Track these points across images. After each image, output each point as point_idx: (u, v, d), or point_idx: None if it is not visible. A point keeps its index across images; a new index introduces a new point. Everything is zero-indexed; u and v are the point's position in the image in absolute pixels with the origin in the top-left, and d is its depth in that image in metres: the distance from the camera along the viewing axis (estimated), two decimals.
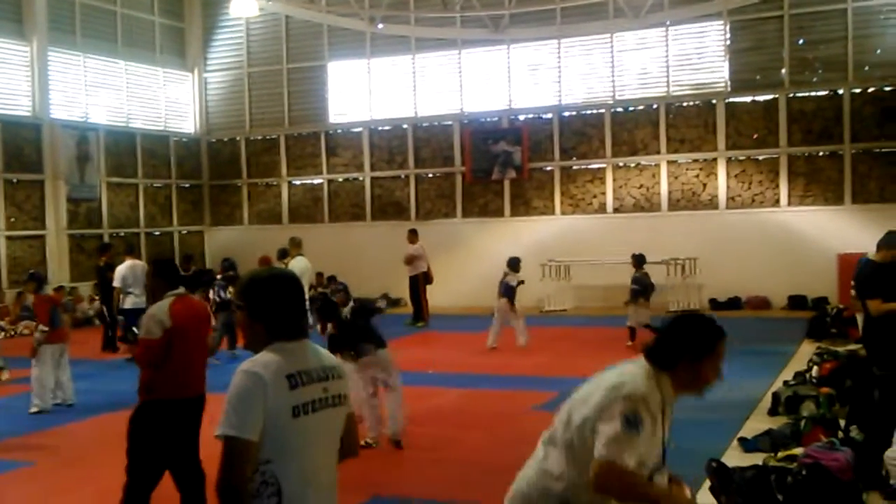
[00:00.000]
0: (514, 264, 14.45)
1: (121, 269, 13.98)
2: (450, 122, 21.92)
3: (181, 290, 5.68)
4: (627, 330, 13.77)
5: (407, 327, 17.20)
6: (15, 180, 19.58)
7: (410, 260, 17.67)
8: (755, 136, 19.39)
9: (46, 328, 10.27)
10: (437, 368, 12.70)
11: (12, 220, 19.47)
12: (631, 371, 3.45)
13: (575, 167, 20.93)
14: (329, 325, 8.76)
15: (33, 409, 10.26)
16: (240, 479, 2.85)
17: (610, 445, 3.21)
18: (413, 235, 17.96)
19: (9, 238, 19.38)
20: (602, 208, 20.60)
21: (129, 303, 13.70)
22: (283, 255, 14.93)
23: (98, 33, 21.74)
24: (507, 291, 14.09)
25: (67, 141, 20.50)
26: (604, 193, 20.60)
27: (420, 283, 17.64)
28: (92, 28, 21.58)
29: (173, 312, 5.47)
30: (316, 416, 3.00)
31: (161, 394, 5.46)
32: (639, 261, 14.08)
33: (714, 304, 18.41)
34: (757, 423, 8.43)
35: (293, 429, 2.93)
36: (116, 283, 13.96)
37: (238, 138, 24.16)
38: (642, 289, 13.70)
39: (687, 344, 3.42)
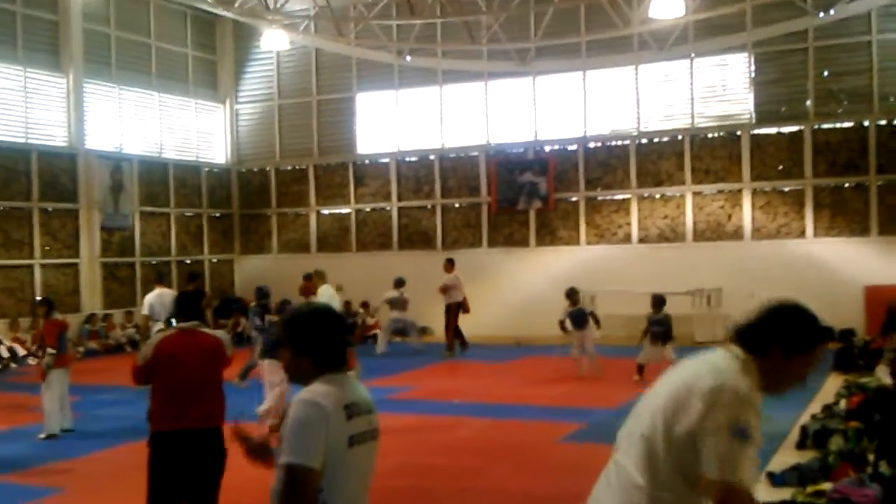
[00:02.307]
0: (571, 295, 14.39)
1: (149, 298, 14.28)
2: (476, 153, 22.17)
3: (189, 323, 5.80)
4: (636, 365, 13.63)
5: (442, 356, 17.39)
6: (50, 209, 20.01)
7: (445, 289, 17.86)
8: (780, 167, 19.47)
9: (54, 351, 10.49)
10: (461, 398, 12.80)
11: (47, 248, 19.87)
12: (725, 366, 2.96)
13: (600, 198, 21.09)
14: None
15: (42, 436, 10.43)
16: None
17: (724, 465, 2.79)
18: (449, 265, 18.18)
19: (43, 266, 19.77)
20: (627, 238, 20.71)
21: (155, 330, 13.93)
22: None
23: (133, 65, 22.26)
24: (581, 319, 14.08)
25: (102, 171, 20.96)
26: (629, 224, 20.72)
27: (454, 312, 17.81)
28: (127, 60, 22.09)
29: (159, 344, 5.66)
30: (364, 447, 3.10)
31: (155, 425, 5.61)
32: (658, 303, 13.88)
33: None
34: (785, 457, 8.46)
35: (347, 459, 3.01)
36: (144, 311, 14.26)
37: (268, 168, 24.55)
38: (664, 332, 13.52)
39: (785, 331, 2.95)
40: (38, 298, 12.36)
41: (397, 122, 23.04)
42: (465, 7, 21.04)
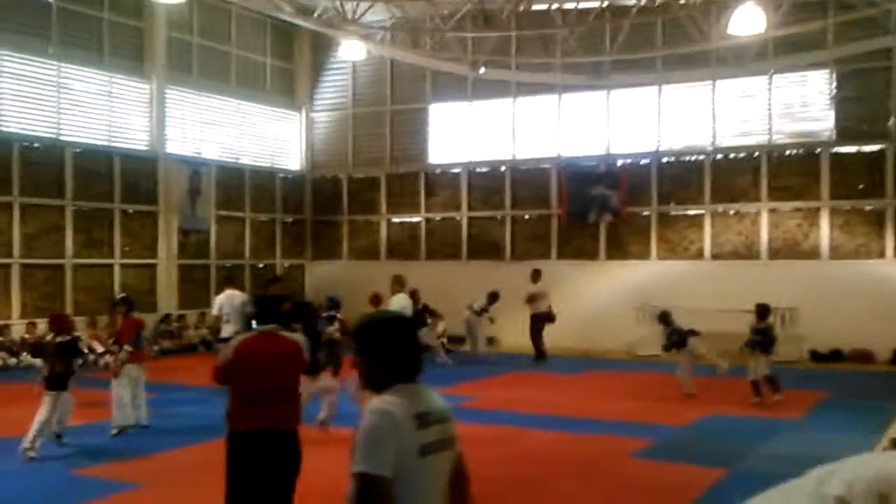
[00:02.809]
0: (664, 318, 14.30)
1: (219, 299, 14.64)
2: (547, 165, 22.15)
3: (268, 326, 5.91)
4: (750, 384, 13.22)
5: (529, 366, 17.51)
6: (130, 211, 20.59)
7: (532, 299, 18.00)
8: (860, 186, 19.03)
9: (131, 348, 10.80)
10: (528, 409, 12.79)
11: (127, 249, 20.45)
12: None
13: (672, 212, 20.87)
14: None
15: (114, 431, 10.72)
16: None
17: None
18: (536, 275, 18.39)
19: (122, 266, 20.35)
20: (699, 254, 20.45)
21: (226, 331, 14.29)
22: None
23: (213, 73, 22.82)
24: (681, 339, 13.98)
25: (181, 175, 21.51)
26: (701, 239, 20.46)
27: (540, 322, 17.94)
28: (207, 68, 22.66)
29: (239, 346, 5.79)
30: (437, 456, 3.10)
31: (233, 425, 5.74)
32: (762, 312, 13.54)
33: (815, 355, 18.03)
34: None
35: (419, 468, 3.00)
36: (214, 312, 14.58)
37: (341, 176, 24.89)
38: (765, 341, 13.10)
39: None
40: (119, 297, 12.70)
41: (470, 133, 23.16)
42: (541, 20, 21.06)
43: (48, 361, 10.08)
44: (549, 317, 18.12)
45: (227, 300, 14.50)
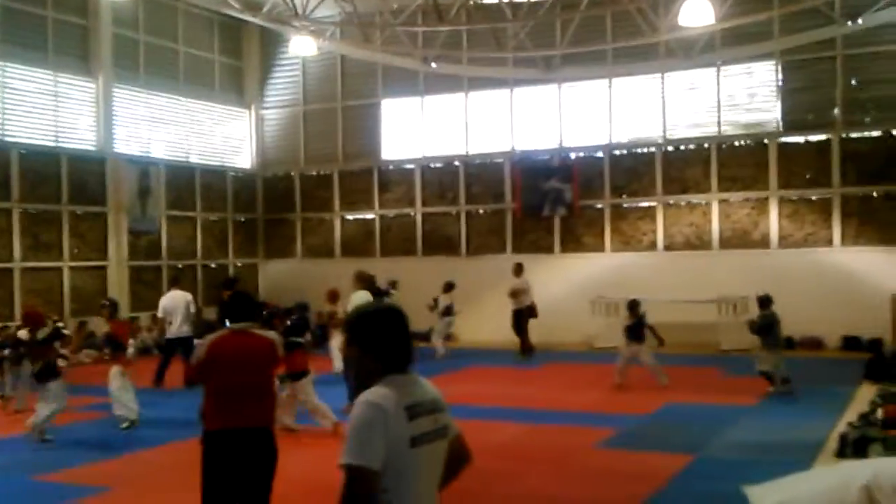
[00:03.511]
0: (633, 307, 14.26)
1: (163, 301, 14.93)
2: (500, 160, 22.22)
3: (241, 324, 5.84)
4: (763, 377, 13.17)
5: (514, 360, 17.53)
6: (79, 212, 20.17)
7: (515, 293, 18.02)
8: (808, 176, 19.42)
9: (131, 349, 10.93)
10: (492, 403, 12.84)
11: (75, 251, 20.03)
12: None
13: (625, 205, 21.09)
14: None
15: (125, 425, 10.96)
16: None
17: None
18: (518, 269, 18.39)
19: (72, 269, 19.93)
20: (652, 246, 20.70)
21: (169, 333, 14.33)
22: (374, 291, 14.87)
23: (161, 70, 22.45)
24: (639, 332, 13.98)
25: (130, 175, 21.12)
26: (654, 231, 20.71)
27: (524, 316, 17.93)
28: (154, 65, 22.28)
29: (212, 344, 5.74)
30: (429, 446, 3.12)
31: (208, 424, 5.68)
32: (762, 302, 13.43)
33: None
34: (826, 466, 8.47)
35: (410, 459, 3.02)
36: (159, 314, 14.65)
37: (293, 173, 24.68)
38: (766, 327, 13.07)
39: None
40: (105, 300, 12.76)
41: (422, 128, 23.13)
42: (492, 14, 21.10)
43: (34, 356, 10.40)
44: (531, 311, 18.09)
45: (170, 301, 14.74)
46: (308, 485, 7.76)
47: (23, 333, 10.82)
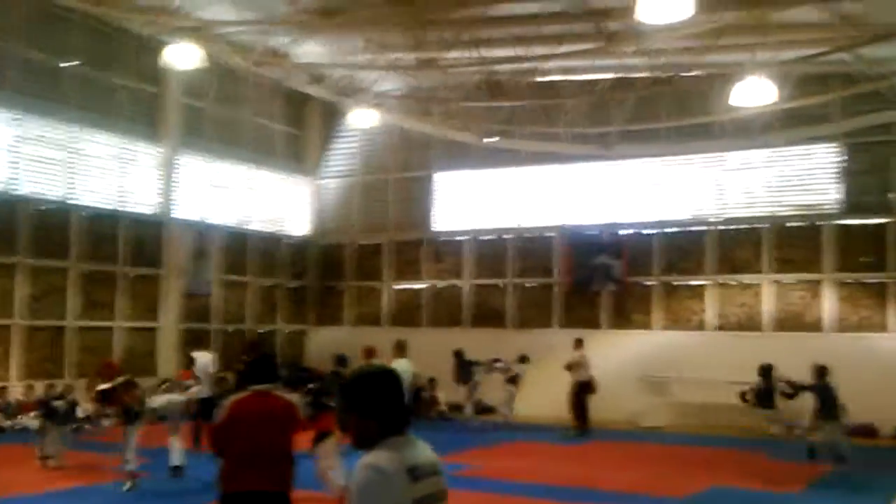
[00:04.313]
0: (767, 372, 13.81)
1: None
2: (551, 234, 22.25)
3: (263, 386, 5.84)
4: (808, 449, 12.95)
5: (563, 438, 17.13)
6: (133, 274, 20.60)
7: (571, 367, 17.79)
8: (864, 259, 19.03)
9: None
10: (529, 479, 12.61)
11: (128, 312, 20.42)
12: None
13: (675, 283, 20.87)
14: None
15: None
16: None
17: None
18: (578, 344, 18.18)
19: (124, 329, 20.30)
20: (701, 325, 20.38)
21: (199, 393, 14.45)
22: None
23: (225, 139, 23.08)
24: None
25: (187, 238, 21.63)
26: (704, 310, 20.41)
27: (580, 391, 17.68)
28: (219, 133, 22.93)
29: (232, 405, 5.75)
30: None
31: (225, 486, 5.67)
32: (820, 372, 13.21)
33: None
34: None
35: None
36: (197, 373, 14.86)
37: (345, 242, 25.02)
38: (822, 390, 12.73)
39: None
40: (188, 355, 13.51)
41: (474, 200, 23.34)
42: (548, 91, 21.36)
43: (117, 402, 11.12)
44: (588, 386, 17.73)
45: (199, 359, 14.81)
46: None
47: (103, 385, 11.17)
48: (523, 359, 18.86)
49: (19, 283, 18.23)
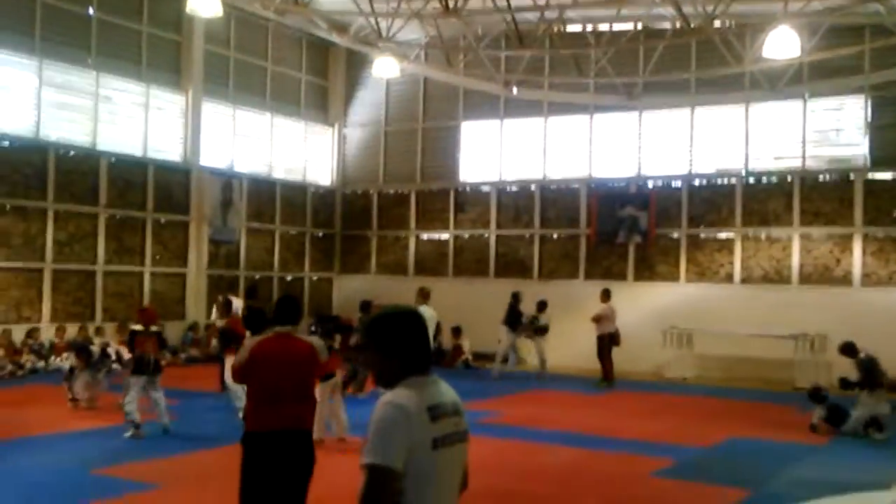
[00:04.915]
0: (850, 349, 13.09)
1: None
2: (577, 185, 22.11)
3: (285, 328, 5.92)
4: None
5: (594, 387, 17.26)
6: (162, 220, 20.81)
7: (598, 319, 17.76)
8: (895, 213, 18.77)
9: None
10: (551, 427, 12.71)
11: (157, 257, 20.66)
12: None
13: (703, 235, 20.72)
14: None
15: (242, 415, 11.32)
16: None
17: None
18: (605, 296, 18.08)
19: (153, 274, 20.55)
20: (729, 278, 20.26)
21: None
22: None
23: (248, 87, 23.11)
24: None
25: (213, 186, 21.73)
26: (731, 263, 20.27)
27: (605, 343, 17.70)
28: (243, 82, 22.95)
29: (254, 347, 5.83)
30: (450, 449, 3.07)
31: (248, 426, 5.79)
32: (850, 349, 12.81)
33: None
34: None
35: (431, 461, 2.98)
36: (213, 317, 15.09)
37: (371, 191, 25.03)
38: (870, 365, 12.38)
39: None
40: (221, 297, 13.58)
41: (500, 151, 23.21)
42: (575, 41, 21.09)
43: (139, 349, 10.95)
44: (614, 338, 17.68)
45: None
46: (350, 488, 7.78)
47: (137, 326, 11.26)
48: (542, 305, 18.77)
49: (49, 227, 18.43)
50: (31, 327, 17.83)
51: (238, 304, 15.07)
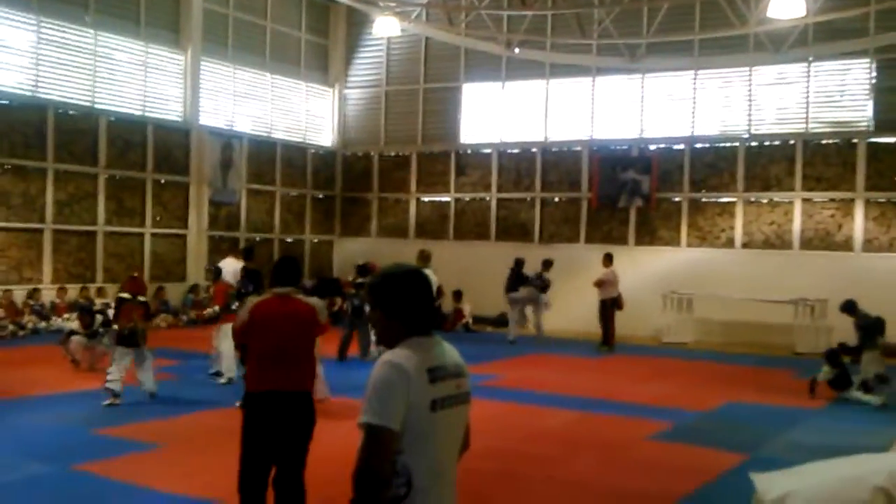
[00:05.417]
0: (851, 308, 13.19)
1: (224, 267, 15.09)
2: (578, 148, 22.00)
3: (285, 289, 5.92)
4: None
5: (594, 351, 17.32)
6: (162, 181, 20.73)
7: (601, 283, 17.72)
8: None
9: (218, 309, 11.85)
10: (549, 390, 12.77)
11: (158, 218, 20.61)
12: None
13: (704, 199, 20.66)
14: None
15: (223, 381, 11.62)
16: (379, 465, 2.88)
17: None
18: (607, 260, 18.00)
19: (153, 235, 20.52)
20: (730, 243, 20.24)
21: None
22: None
23: (248, 46, 22.89)
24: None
25: (213, 147, 21.62)
26: (732, 228, 20.24)
27: (608, 307, 17.68)
28: (242, 41, 22.73)
29: (254, 307, 5.86)
30: (450, 411, 3.06)
31: (249, 386, 5.82)
32: (851, 307, 12.92)
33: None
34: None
35: (430, 422, 2.97)
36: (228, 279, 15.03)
37: (372, 153, 24.91)
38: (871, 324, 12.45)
39: None
40: (214, 266, 13.41)
41: (502, 113, 23.06)
42: (577, 0, 20.87)
43: (124, 319, 10.75)
44: (616, 303, 17.63)
45: (227, 267, 14.80)
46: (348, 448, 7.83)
47: (125, 294, 11.19)
48: (547, 263, 18.71)
49: (49, 187, 18.37)
50: (32, 287, 17.86)
51: (231, 267, 14.88)
